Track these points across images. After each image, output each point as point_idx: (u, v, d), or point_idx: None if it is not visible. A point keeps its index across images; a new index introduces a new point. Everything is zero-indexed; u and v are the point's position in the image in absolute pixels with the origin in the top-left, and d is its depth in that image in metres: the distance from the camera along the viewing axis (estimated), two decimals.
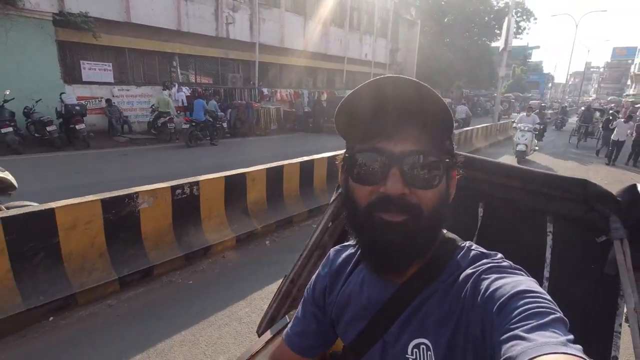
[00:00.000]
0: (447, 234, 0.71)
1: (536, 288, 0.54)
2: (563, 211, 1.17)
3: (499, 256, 0.64)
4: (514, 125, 11.08)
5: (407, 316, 0.66)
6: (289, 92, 18.13)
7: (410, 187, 0.59)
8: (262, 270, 3.85)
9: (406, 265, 0.64)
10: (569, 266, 1.18)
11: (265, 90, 16.68)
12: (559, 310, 0.50)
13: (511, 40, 16.28)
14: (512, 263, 0.62)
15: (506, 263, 0.62)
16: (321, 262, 0.88)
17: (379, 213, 0.60)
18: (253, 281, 3.62)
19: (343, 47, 21.21)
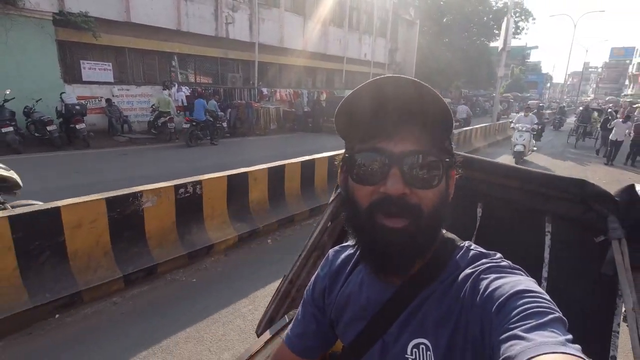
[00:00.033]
0: (446, 234, 0.71)
1: (535, 288, 0.54)
2: (561, 211, 1.17)
3: (498, 256, 0.64)
4: (512, 125, 10.98)
5: (407, 316, 0.66)
6: (289, 92, 18.15)
7: (410, 187, 0.59)
8: (264, 268, 3.89)
9: (406, 265, 0.64)
10: (567, 266, 1.18)
11: (264, 90, 16.70)
12: (558, 310, 0.50)
13: (510, 40, 16.33)
14: (511, 263, 0.62)
15: (505, 263, 0.62)
16: (320, 263, 0.87)
17: (380, 216, 0.60)
18: (255, 279, 3.66)
19: (342, 47, 21.25)
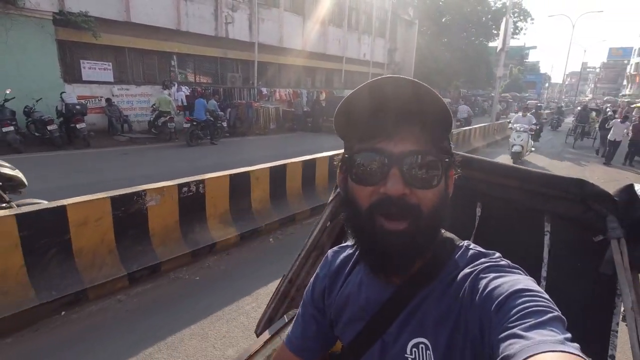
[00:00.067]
0: (445, 234, 0.71)
1: (534, 287, 0.54)
2: (560, 211, 1.18)
3: (497, 255, 0.65)
4: (510, 126, 10.85)
5: (406, 316, 0.66)
6: (288, 92, 18.18)
7: (410, 187, 0.59)
8: (267, 267, 3.93)
9: (406, 266, 0.64)
10: (566, 265, 1.18)
11: (264, 89, 16.74)
12: (557, 309, 0.50)
13: (509, 40, 16.40)
14: (510, 262, 0.62)
15: (504, 262, 0.62)
16: (319, 263, 0.87)
17: (380, 218, 0.60)
18: (258, 278, 3.69)
19: (341, 47, 21.29)
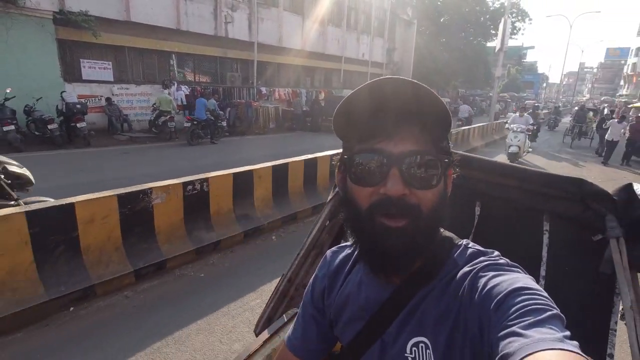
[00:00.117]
0: (444, 233, 0.71)
1: (533, 285, 0.54)
2: (559, 210, 1.18)
3: (496, 254, 0.65)
4: (507, 126, 10.78)
5: (406, 315, 0.66)
6: (287, 91, 18.23)
7: (410, 188, 0.59)
8: (270, 264, 3.98)
9: (406, 265, 0.64)
10: (565, 265, 1.19)
11: (263, 89, 16.78)
12: (556, 307, 0.51)
13: (507, 41, 16.49)
14: (509, 261, 0.63)
15: (503, 260, 0.62)
16: (319, 262, 0.87)
17: (381, 217, 0.60)
18: (262, 275, 3.75)
19: (340, 47, 21.35)
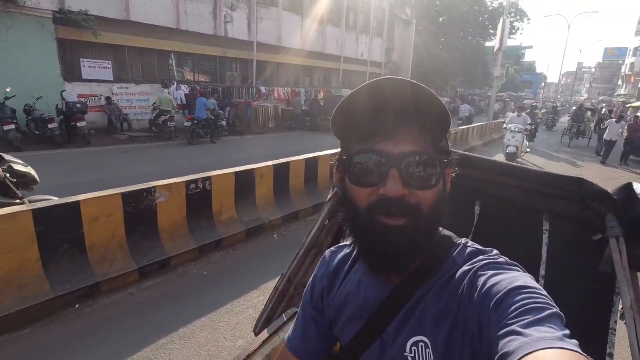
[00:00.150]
0: (443, 232, 0.71)
1: (533, 284, 0.54)
2: (559, 209, 1.18)
3: (495, 252, 0.64)
4: (505, 126, 10.65)
5: (405, 315, 0.66)
6: (287, 91, 18.27)
7: (409, 188, 0.59)
8: (272, 262, 4.01)
9: (406, 265, 0.64)
10: (565, 264, 1.18)
11: (262, 88, 16.81)
12: (556, 305, 0.50)
13: (506, 41, 16.55)
14: (509, 259, 0.63)
15: (502, 259, 0.62)
16: (318, 261, 0.87)
17: (380, 216, 0.60)
18: (264, 273, 3.78)
19: (340, 47, 21.39)
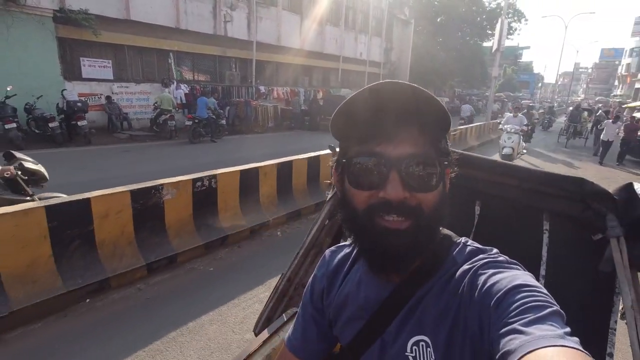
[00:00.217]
0: (443, 231, 0.71)
1: (533, 282, 0.54)
2: (559, 209, 1.18)
3: (495, 251, 0.64)
4: (500, 126, 10.38)
5: (405, 314, 0.66)
6: (286, 90, 18.32)
7: (410, 191, 0.59)
8: (277, 259, 4.08)
9: (407, 265, 0.64)
10: (565, 264, 1.19)
11: (262, 88, 16.86)
12: (556, 303, 0.50)
13: (504, 41, 16.67)
14: (508, 258, 0.63)
15: (502, 258, 0.62)
16: (318, 261, 0.88)
17: (380, 218, 0.60)
18: (269, 269, 3.84)
19: (338, 46, 21.47)
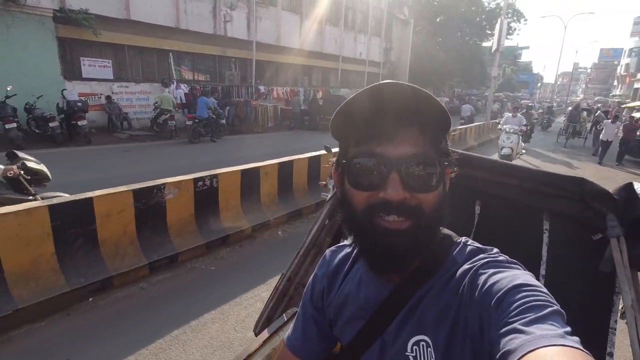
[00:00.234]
0: (443, 231, 0.71)
1: (533, 282, 0.54)
2: (559, 209, 1.18)
3: (495, 251, 0.64)
4: (499, 126, 10.21)
5: (406, 314, 0.66)
6: (285, 90, 18.34)
7: (410, 191, 0.59)
8: (278, 258, 4.10)
9: (406, 265, 0.64)
10: (565, 263, 1.19)
11: (261, 88, 16.87)
12: (556, 303, 0.50)
13: (503, 41, 16.70)
14: (508, 257, 0.63)
15: (502, 257, 0.62)
16: (318, 261, 0.88)
17: (380, 218, 0.60)
18: (270, 268, 3.86)
19: (338, 46, 21.49)
